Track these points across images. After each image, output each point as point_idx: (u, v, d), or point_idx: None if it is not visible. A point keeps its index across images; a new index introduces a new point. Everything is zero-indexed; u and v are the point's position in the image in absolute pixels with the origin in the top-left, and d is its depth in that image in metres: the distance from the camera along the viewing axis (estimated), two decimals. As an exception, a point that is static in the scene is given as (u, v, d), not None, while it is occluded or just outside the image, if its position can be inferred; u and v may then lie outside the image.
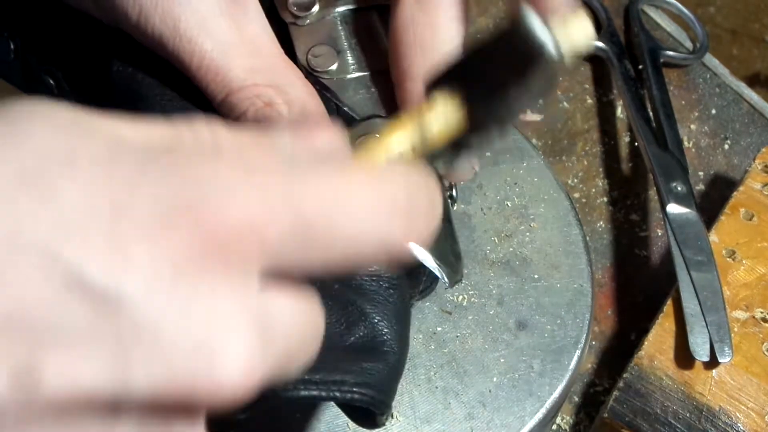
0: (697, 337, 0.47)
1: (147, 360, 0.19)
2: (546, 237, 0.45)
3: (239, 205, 0.20)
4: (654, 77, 0.63)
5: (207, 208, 0.20)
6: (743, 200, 0.54)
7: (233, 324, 0.20)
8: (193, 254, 0.20)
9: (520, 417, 0.39)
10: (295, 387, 0.29)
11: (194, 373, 0.20)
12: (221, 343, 0.20)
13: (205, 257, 0.20)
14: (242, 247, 0.20)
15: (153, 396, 0.20)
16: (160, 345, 0.19)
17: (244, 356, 0.20)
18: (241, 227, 0.20)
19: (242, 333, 0.20)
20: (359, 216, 0.22)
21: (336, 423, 0.37)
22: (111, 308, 0.19)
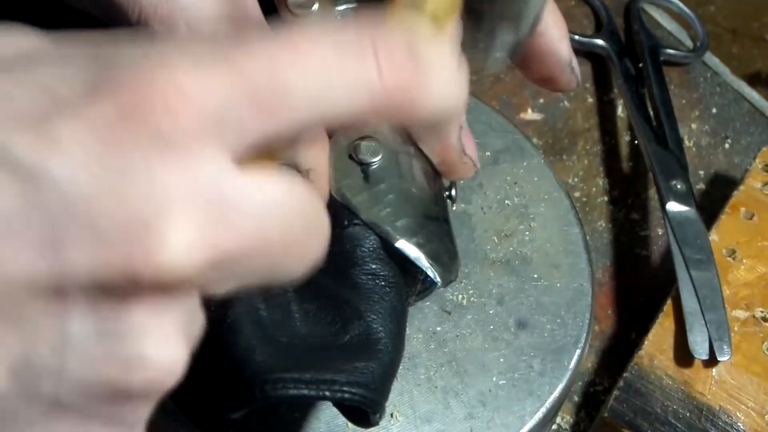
0: (697, 335, 0.47)
1: (81, 239, 0.19)
2: (546, 236, 0.45)
3: (167, 74, 0.20)
4: (654, 75, 0.63)
5: (133, 79, 0.19)
6: (743, 199, 0.54)
7: (175, 198, 0.19)
8: (122, 127, 0.19)
9: (521, 416, 0.39)
10: (284, 386, 0.29)
11: (131, 249, 0.19)
12: (160, 218, 0.19)
13: (136, 130, 0.19)
14: (178, 118, 0.20)
15: (93, 276, 0.19)
16: (92, 221, 0.19)
17: (187, 232, 0.19)
18: (171, 95, 0.20)
19: (186, 207, 0.20)
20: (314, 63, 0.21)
21: (335, 423, 0.37)
22: (41, 188, 0.19)
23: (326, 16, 0.37)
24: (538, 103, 0.65)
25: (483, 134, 0.48)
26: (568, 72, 0.37)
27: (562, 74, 0.37)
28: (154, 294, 0.20)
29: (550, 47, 0.36)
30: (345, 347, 0.32)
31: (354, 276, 0.35)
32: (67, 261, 0.19)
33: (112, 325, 0.20)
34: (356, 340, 0.33)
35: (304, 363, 0.30)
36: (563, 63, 0.37)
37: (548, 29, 0.35)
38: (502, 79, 0.64)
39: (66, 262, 0.19)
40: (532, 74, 0.37)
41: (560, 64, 0.36)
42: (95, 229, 0.19)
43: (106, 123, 0.19)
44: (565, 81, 0.37)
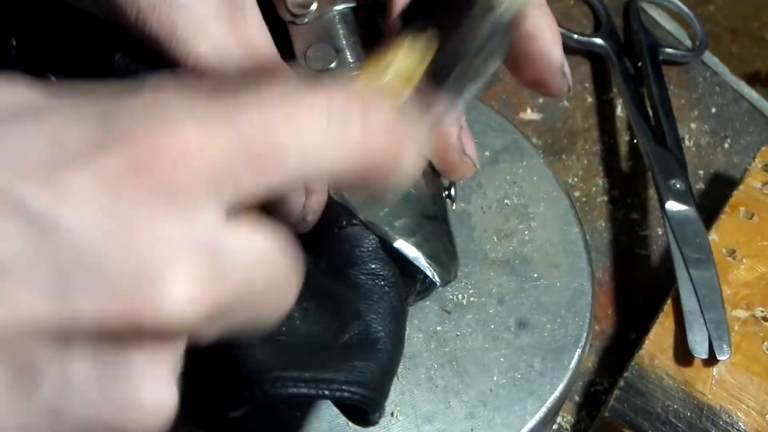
0: (696, 334, 0.47)
1: (89, 287, 0.20)
2: (546, 236, 0.45)
3: (172, 131, 0.21)
4: (653, 75, 0.63)
5: (140, 134, 0.20)
6: (743, 199, 0.54)
7: (178, 251, 0.20)
8: (130, 180, 0.20)
9: (521, 416, 0.39)
10: (283, 385, 0.29)
11: (137, 299, 0.20)
12: (164, 270, 0.20)
13: (143, 183, 0.20)
14: (181, 174, 0.21)
15: (99, 323, 0.20)
16: (100, 271, 0.20)
17: (188, 283, 0.20)
18: (176, 152, 0.21)
19: (187, 260, 0.20)
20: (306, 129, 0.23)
21: (337, 422, 0.37)
22: (51, 236, 0.19)
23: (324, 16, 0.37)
24: (537, 102, 0.65)
25: (482, 134, 0.48)
26: (560, 76, 0.37)
27: (554, 78, 0.37)
28: (153, 340, 0.21)
29: (543, 50, 0.36)
30: (344, 346, 0.32)
31: (353, 276, 0.35)
32: (74, 308, 0.20)
33: (113, 369, 0.21)
34: (355, 339, 0.33)
35: (303, 362, 0.30)
36: (555, 67, 0.36)
37: (541, 33, 0.35)
38: (502, 79, 0.64)
39: (74, 309, 0.20)
40: (523, 77, 0.37)
41: (552, 67, 0.36)
42: (103, 277, 0.20)
43: (114, 175, 0.20)
44: (557, 85, 0.37)
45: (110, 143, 0.20)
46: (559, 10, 0.70)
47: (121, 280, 0.20)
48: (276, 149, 0.22)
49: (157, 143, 0.20)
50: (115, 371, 0.21)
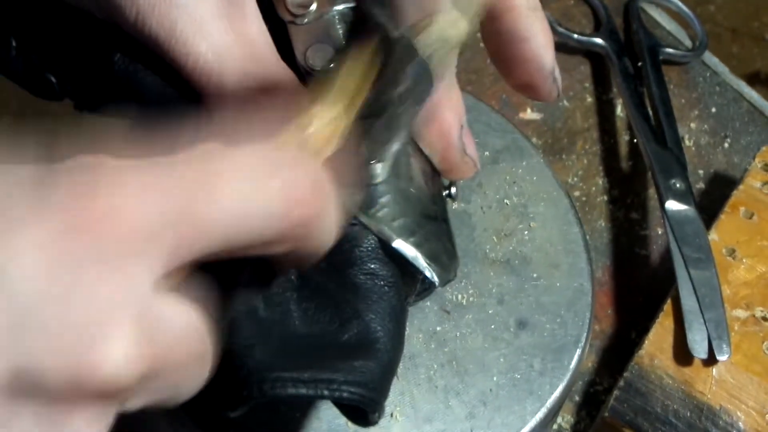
0: (696, 334, 0.47)
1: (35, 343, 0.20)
2: (546, 236, 0.45)
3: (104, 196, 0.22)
4: (653, 74, 0.63)
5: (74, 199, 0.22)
6: (743, 199, 0.54)
7: (115, 312, 0.21)
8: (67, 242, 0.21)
9: (521, 416, 0.39)
10: (283, 385, 0.29)
11: (77, 359, 0.21)
12: (103, 329, 0.21)
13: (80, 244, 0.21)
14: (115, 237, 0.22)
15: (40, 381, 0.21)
16: (45, 330, 0.21)
17: (125, 344, 0.21)
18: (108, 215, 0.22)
19: (124, 321, 0.21)
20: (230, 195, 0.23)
21: (337, 422, 0.37)
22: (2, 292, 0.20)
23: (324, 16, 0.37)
24: (537, 102, 0.64)
25: (482, 134, 0.48)
26: (550, 81, 0.37)
27: (544, 82, 0.37)
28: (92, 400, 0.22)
29: (534, 54, 0.36)
30: (344, 346, 0.32)
31: (352, 276, 0.35)
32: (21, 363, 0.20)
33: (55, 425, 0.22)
34: (355, 339, 0.33)
35: (302, 362, 0.30)
36: (545, 71, 0.36)
37: (534, 36, 0.35)
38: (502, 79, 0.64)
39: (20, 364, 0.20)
40: (513, 80, 0.37)
41: (542, 71, 0.36)
42: (46, 337, 0.21)
43: (52, 239, 0.21)
44: (546, 90, 0.37)
45: (46, 209, 0.21)
46: (559, 9, 0.70)
47: (62, 339, 0.21)
48: (200, 216, 0.23)
49: (89, 208, 0.22)
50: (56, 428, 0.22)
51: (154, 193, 0.22)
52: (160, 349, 0.22)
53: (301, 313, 0.32)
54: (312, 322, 0.33)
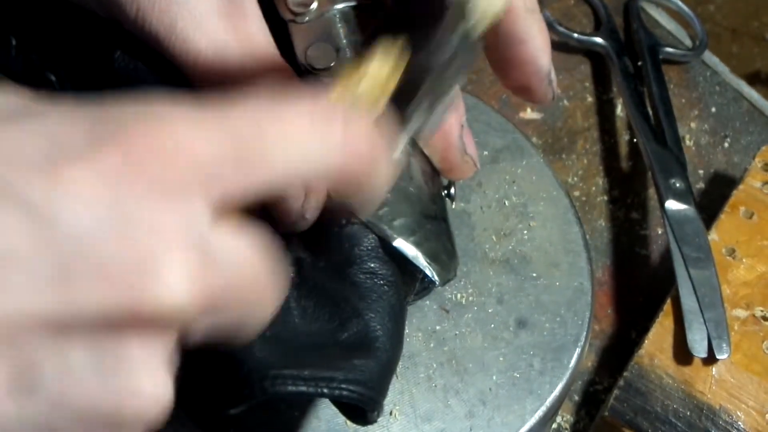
0: (695, 333, 0.47)
1: (88, 277, 0.20)
2: (546, 235, 0.45)
3: (163, 129, 0.22)
4: (653, 74, 0.63)
5: (133, 132, 0.21)
6: (743, 198, 0.54)
7: (174, 244, 0.21)
8: (125, 174, 0.21)
9: (521, 415, 0.39)
10: (283, 383, 0.29)
11: (135, 288, 0.21)
12: (160, 260, 0.21)
13: (138, 177, 0.21)
14: (174, 169, 0.21)
15: (98, 312, 0.20)
16: (99, 261, 0.20)
17: (183, 274, 0.21)
18: (168, 148, 0.21)
19: (181, 252, 0.21)
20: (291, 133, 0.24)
21: (336, 421, 0.37)
22: (51, 228, 0.20)
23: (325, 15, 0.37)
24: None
25: (482, 133, 0.48)
26: (545, 84, 0.37)
27: (540, 85, 0.37)
28: (150, 329, 0.22)
29: (531, 56, 0.36)
30: (343, 345, 0.32)
31: (352, 275, 0.35)
32: (75, 298, 0.20)
33: (111, 358, 0.21)
34: (354, 338, 0.33)
35: (302, 360, 0.30)
36: (542, 73, 0.36)
37: (532, 38, 0.35)
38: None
39: (74, 299, 0.20)
40: (509, 81, 0.37)
41: (538, 74, 0.36)
42: (101, 267, 0.20)
43: (111, 169, 0.21)
44: (542, 92, 0.37)
45: (105, 140, 0.21)
46: (560, 9, 0.70)
47: (119, 269, 0.20)
48: (262, 151, 0.23)
49: (149, 140, 0.21)
50: (113, 360, 0.21)
51: (215, 126, 0.22)
52: (219, 278, 0.22)
53: (300, 311, 0.33)
54: (311, 320, 0.33)
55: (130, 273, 0.20)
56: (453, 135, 0.37)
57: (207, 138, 0.22)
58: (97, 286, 0.20)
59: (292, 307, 0.32)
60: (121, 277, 0.20)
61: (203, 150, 0.22)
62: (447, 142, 0.37)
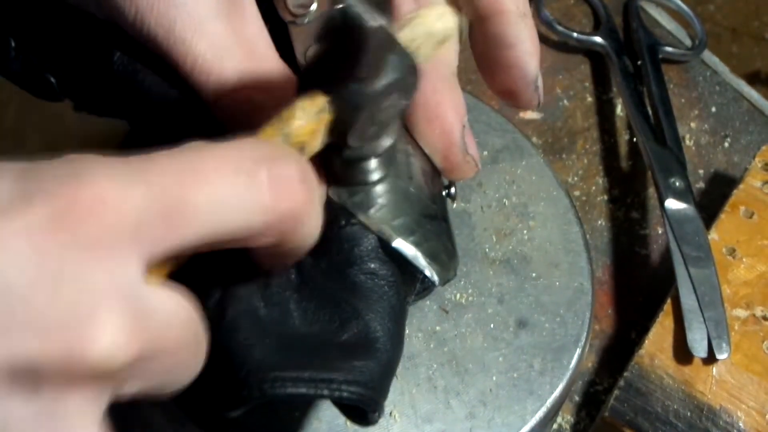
0: (695, 333, 0.47)
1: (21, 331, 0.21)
2: (546, 235, 0.45)
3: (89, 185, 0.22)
4: (653, 73, 0.63)
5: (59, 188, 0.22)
6: (743, 198, 0.54)
7: (104, 300, 0.22)
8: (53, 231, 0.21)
9: (521, 416, 0.39)
10: (283, 384, 0.29)
11: (69, 345, 0.21)
12: (92, 315, 0.21)
13: (66, 233, 0.21)
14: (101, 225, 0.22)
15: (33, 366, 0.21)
16: (31, 316, 0.21)
17: (114, 329, 0.22)
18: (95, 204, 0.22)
19: (112, 308, 0.22)
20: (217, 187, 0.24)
21: (336, 422, 0.37)
22: None
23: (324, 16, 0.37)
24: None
25: (482, 133, 0.48)
26: (531, 89, 0.36)
27: (525, 90, 0.36)
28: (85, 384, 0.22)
29: (519, 60, 0.35)
30: (343, 346, 0.32)
31: (352, 275, 0.35)
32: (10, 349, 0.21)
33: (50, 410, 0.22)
34: (354, 339, 0.33)
35: (302, 361, 0.30)
36: (528, 78, 0.36)
37: (521, 42, 0.35)
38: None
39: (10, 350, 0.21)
40: (495, 85, 0.37)
41: (525, 79, 0.36)
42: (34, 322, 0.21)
43: (38, 226, 0.21)
44: (527, 98, 0.37)
45: (32, 195, 0.21)
46: (559, 8, 0.70)
47: (52, 324, 0.21)
48: (186, 207, 0.23)
49: (75, 196, 0.22)
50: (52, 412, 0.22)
51: (140, 183, 0.23)
52: (150, 334, 0.23)
53: (300, 312, 0.32)
54: (312, 321, 0.33)
55: (63, 328, 0.21)
56: (454, 135, 0.37)
57: (131, 194, 0.22)
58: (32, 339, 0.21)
59: (291, 309, 0.32)
60: (55, 332, 0.21)
61: (129, 206, 0.22)
62: (448, 142, 0.37)
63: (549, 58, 0.67)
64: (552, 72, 0.67)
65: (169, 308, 0.24)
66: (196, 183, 0.23)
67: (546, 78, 0.66)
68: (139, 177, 0.23)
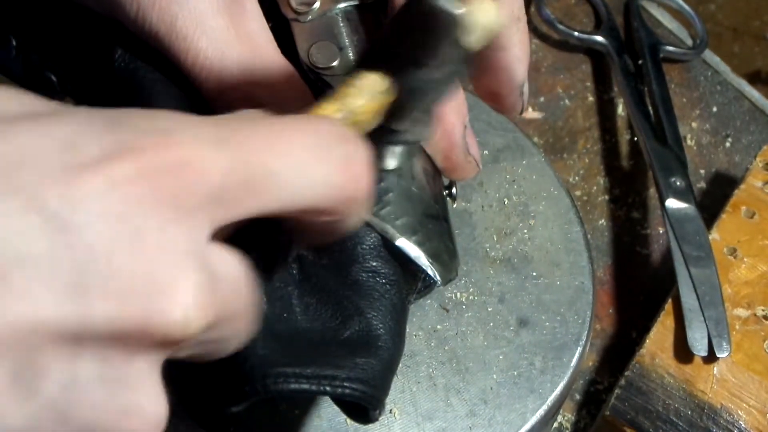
0: (696, 332, 0.47)
1: (102, 290, 0.20)
2: (547, 234, 0.45)
3: (178, 146, 0.22)
4: (654, 72, 0.63)
5: (148, 145, 0.21)
6: (744, 198, 0.54)
7: (183, 262, 0.21)
8: (138, 187, 0.21)
9: (522, 414, 0.39)
10: (285, 380, 0.29)
11: (147, 305, 0.21)
12: (172, 279, 0.21)
13: (151, 192, 0.21)
14: (186, 187, 0.21)
15: (110, 327, 0.20)
16: (113, 275, 0.20)
17: (193, 293, 0.21)
18: (181, 166, 0.21)
19: (191, 272, 0.21)
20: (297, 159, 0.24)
21: (337, 420, 0.37)
22: (67, 236, 0.20)
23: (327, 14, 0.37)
24: (538, 101, 0.64)
25: (483, 133, 0.48)
26: (516, 94, 0.36)
27: (510, 94, 0.36)
28: (157, 347, 0.22)
29: (507, 63, 0.35)
30: (345, 343, 0.32)
31: (354, 273, 0.35)
32: (89, 311, 0.20)
33: (116, 373, 0.21)
34: (356, 336, 0.33)
35: (304, 358, 0.30)
36: (514, 83, 0.36)
37: (511, 46, 0.35)
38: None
39: (87, 312, 0.20)
40: (480, 87, 0.37)
41: (511, 83, 0.36)
42: (115, 283, 0.20)
43: (124, 181, 0.21)
44: (511, 103, 0.37)
45: (118, 150, 0.21)
46: (560, 7, 0.70)
47: (131, 286, 0.20)
48: (269, 174, 0.23)
49: (164, 155, 0.21)
50: (119, 375, 0.21)
51: (226, 148, 0.22)
52: (223, 300, 0.22)
53: (302, 308, 0.32)
54: (313, 317, 0.33)
55: (142, 291, 0.20)
56: (456, 135, 0.37)
57: (217, 160, 0.22)
58: (111, 301, 0.20)
59: (294, 305, 0.32)
60: (134, 294, 0.20)
61: (214, 170, 0.22)
62: (450, 142, 0.37)
63: (550, 57, 0.67)
64: (553, 71, 0.67)
65: (237, 274, 0.23)
66: (280, 153, 0.23)
67: (547, 77, 0.66)
68: (226, 142, 0.22)
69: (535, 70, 0.66)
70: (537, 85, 0.65)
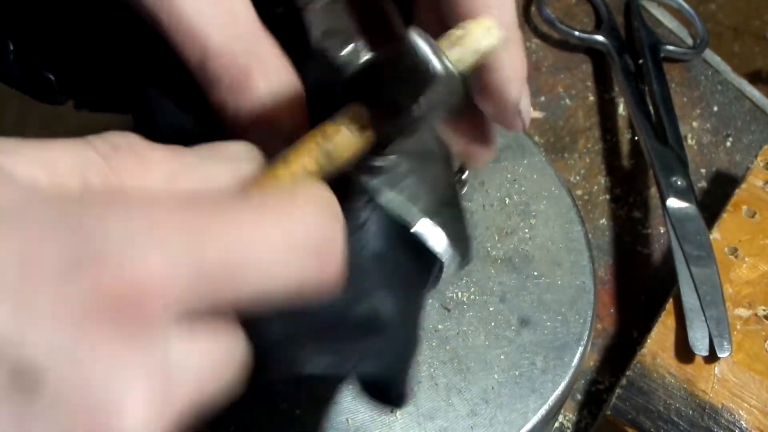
0: (697, 331, 0.47)
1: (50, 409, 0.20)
2: (548, 234, 0.45)
3: (139, 263, 0.21)
4: (654, 72, 0.63)
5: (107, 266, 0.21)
6: (745, 198, 0.54)
7: (135, 380, 0.21)
8: (94, 311, 0.20)
9: (523, 414, 0.39)
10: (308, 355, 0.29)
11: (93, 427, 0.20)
12: (119, 402, 0.20)
13: (106, 314, 0.20)
14: (145, 305, 0.21)
15: None
16: (62, 404, 0.20)
17: (141, 413, 0.21)
18: (142, 285, 0.21)
19: (140, 389, 0.21)
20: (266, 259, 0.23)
21: (337, 420, 0.37)
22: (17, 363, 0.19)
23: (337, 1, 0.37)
24: (539, 101, 0.64)
25: (484, 131, 0.48)
26: (511, 113, 0.36)
27: (504, 114, 0.36)
28: None
29: (498, 85, 0.35)
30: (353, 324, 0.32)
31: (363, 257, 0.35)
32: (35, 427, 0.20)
33: None
34: (363, 319, 0.33)
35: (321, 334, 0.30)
36: (507, 104, 0.35)
37: (501, 67, 0.34)
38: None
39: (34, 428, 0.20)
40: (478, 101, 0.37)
41: (504, 103, 0.35)
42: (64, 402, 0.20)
43: (80, 302, 0.20)
44: (508, 121, 0.36)
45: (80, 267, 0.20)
46: (561, 7, 0.70)
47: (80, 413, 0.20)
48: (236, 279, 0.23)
49: (123, 272, 0.21)
50: None
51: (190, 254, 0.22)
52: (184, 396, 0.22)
53: None
54: None
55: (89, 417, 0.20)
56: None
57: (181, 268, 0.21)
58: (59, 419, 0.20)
59: None
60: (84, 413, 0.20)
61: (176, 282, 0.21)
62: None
63: (550, 57, 0.67)
64: (553, 71, 0.66)
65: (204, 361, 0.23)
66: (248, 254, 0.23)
67: (547, 77, 0.66)
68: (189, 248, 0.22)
69: (535, 69, 0.66)
70: (538, 85, 0.65)
